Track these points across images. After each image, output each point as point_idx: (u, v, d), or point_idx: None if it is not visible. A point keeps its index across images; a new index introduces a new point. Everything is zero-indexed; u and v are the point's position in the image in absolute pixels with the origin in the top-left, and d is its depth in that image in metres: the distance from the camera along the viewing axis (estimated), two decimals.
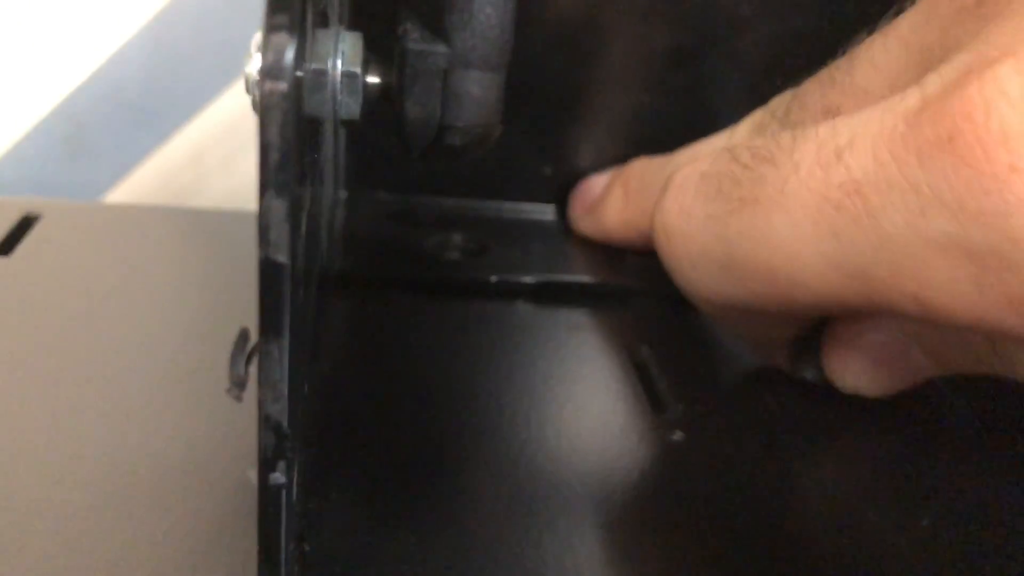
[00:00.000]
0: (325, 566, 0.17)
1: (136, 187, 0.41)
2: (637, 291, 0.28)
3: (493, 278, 0.28)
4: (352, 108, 0.21)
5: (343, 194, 0.30)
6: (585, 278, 0.29)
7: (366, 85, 0.21)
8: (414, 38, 0.21)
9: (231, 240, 0.30)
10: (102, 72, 0.39)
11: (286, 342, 0.13)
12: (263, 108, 0.12)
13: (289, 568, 0.15)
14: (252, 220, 0.12)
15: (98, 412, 0.21)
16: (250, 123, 0.32)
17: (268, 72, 0.12)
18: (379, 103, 0.22)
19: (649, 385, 0.24)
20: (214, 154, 0.41)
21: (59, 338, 0.24)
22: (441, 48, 0.21)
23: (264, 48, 0.12)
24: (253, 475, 0.14)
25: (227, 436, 0.21)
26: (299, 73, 0.15)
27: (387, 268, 0.28)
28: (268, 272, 0.12)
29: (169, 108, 0.40)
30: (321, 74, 0.20)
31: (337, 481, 0.20)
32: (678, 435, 0.22)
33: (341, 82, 0.21)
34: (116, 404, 0.22)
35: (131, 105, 0.40)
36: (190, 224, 0.31)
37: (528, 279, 0.28)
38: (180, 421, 0.21)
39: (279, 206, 0.12)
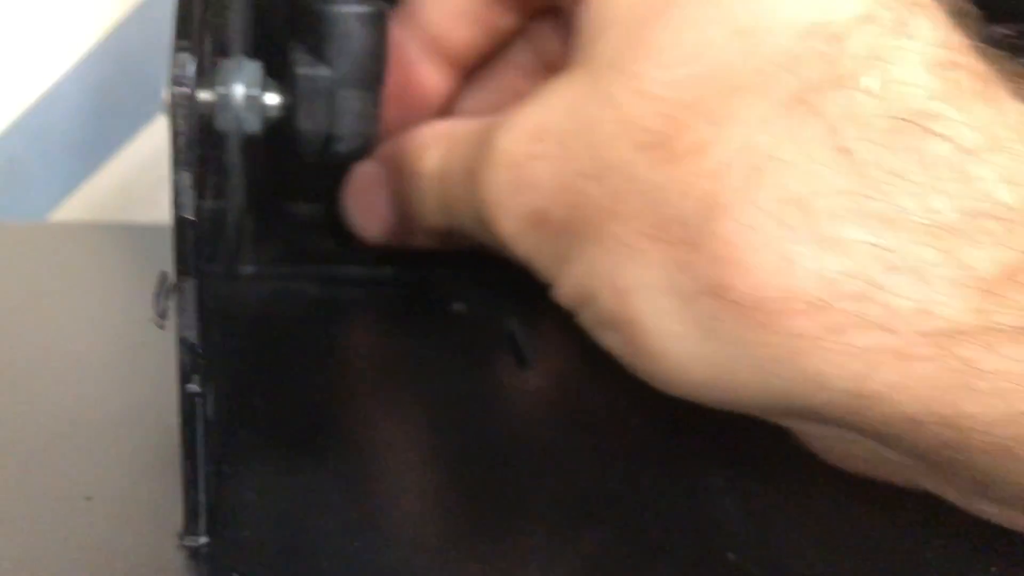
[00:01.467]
0: (239, 485, 0.22)
1: (67, 215, 0.44)
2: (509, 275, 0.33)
3: (388, 271, 0.33)
4: (254, 124, 0.26)
5: (252, 203, 0.34)
6: (464, 269, 0.33)
7: (264, 105, 0.26)
8: (302, 64, 0.26)
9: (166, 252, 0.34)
10: (33, 110, 0.42)
11: (195, 281, 0.17)
12: (172, 106, 0.16)
13: (208, 478, 0.20)
14: None
15: (42, 390, 0.25)
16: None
17: (176, 80, 0.16)
18: (277, 120, 0.27)
19: (515, 348, 0.29)
20: (140, 184, 0.45)
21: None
22: (325, 72, 0.26)
23: (171, 64, 0.16)
24: None
25: (157, 404, 0.25)
26: (202, 95, 0.19)
27: (293, 268, 0.33)
28: (179, 226, 0.17)
29: (98, 142, 0.44)
30: (227, 96, 0.25)
31: (249, 437, 0.24)
32: (534, 382, 0.27)
33: (244, 102, 0.26)
34: (58, 389, 0.26)
35: (62, 140, 0.43)
36: (126, 239, 0.35)
37: (418, 272, 0.33)
38: (118, 393, 0.25)
39: (186, 177, 0.16)
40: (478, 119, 0.27)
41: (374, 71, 0.26)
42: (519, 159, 0.23)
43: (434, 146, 0.27)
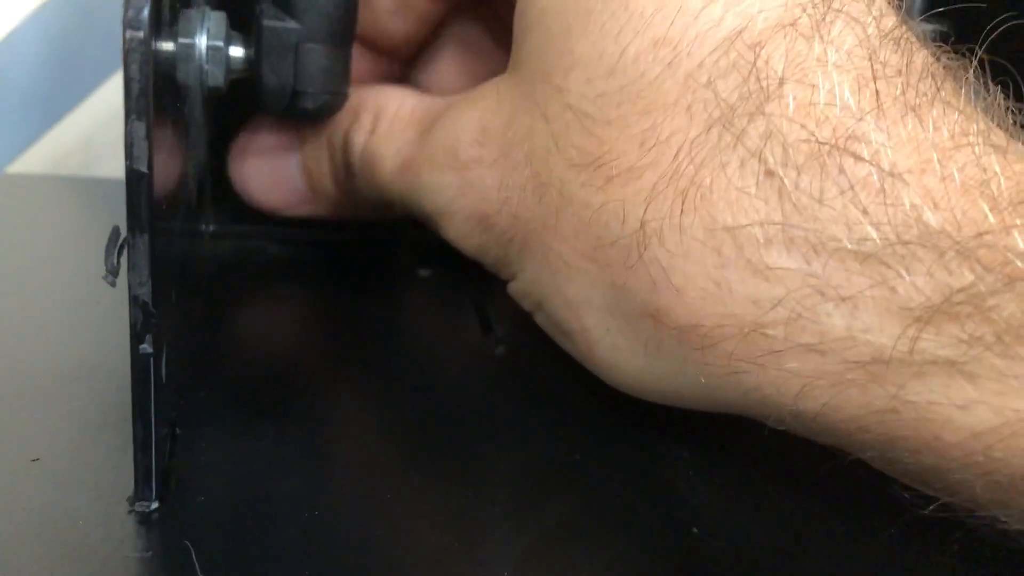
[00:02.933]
0: (194, 449, 0.21)
1: (26, 170, 0.43)
2: None
3: (351, 233, 0.32)
4: (217, 77, 0.25)
5: (214, 160, 0.33)
6: (431, 236, 0.33)
7: (228, 57, 0.25)
8: (269, 16, 0.25)
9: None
10: None
11: (148, 236, 0.16)
12: (126, 51, 0.15)
13: (160, 441, 0.19)
14: None
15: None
16: None
17: (129, 23, 0.15)
18: (241, 73, 0.26)
19: (482, 315, 0.29)
20: (102, 139, 0.44)
21: None
22: (292, 25, 0.25)
23: (126, 6, 0.15)
24: None
25: (110, 363, 0.24)
26: (164, 46, 0.18)
27: (254, 227, 0.32)
28: (132, 179, 0.16)
29: (58, 94, 0.43)
30: (189, 47, 0.24)
31: (205, 399, 0.23)
32: (500, 350, 0.27)
33: (207, 54, 0.25)
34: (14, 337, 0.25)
35: (20, 91, 0.42)
36: (85, 192, 0.34)
37: (384, 236, 0.32)
38: (70, 350, 0.25)
39: (140, 127, 0.16)
40: (419, 99, 0.26)
41: (343, 27, 0.25)
42: (464, 162, 0.23)
43: (367, 116, 0.26)
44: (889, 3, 0.19)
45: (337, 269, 0.31)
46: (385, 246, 0.32)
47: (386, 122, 0.26)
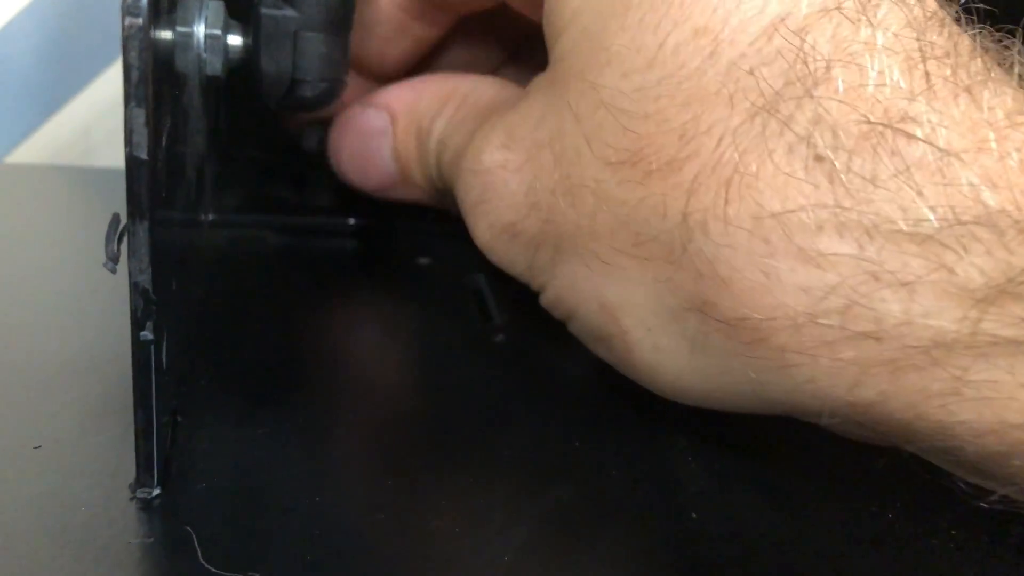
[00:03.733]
0: (195, 436, 0.21)
1: (24, 160, 0.43)
2: None
3: (351, 221, 0.32)
4: (215, 65, 0.25)
5: (213, 149, 0.33)
6: (430, 221, 0.33)
7: (227, 45, 0.25)
8: (267, 4, 0.25)
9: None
10: None
11: (148, 222, 0.16)
12: (125, 39, 0.15)
13: (161, 428, 0.19)
14: None
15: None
16: None
17: (128, 10, 0.15)
18: (240, 62, 0.26)
19: (481, 303, 0.29)
20: (101, 128, 0.44)
21: None
22: (291, 13, 0.25)
23: None
24: None
25: (112, 350, 0.24)
26: (162, 34, 0.18)
27: (253, 216, 0.32)
28: (132, 166, 0.16)
29: (56, 84, 0.43)
30: (187, 36, 0.24)
31: (206, 386, 0.23)
32: (500, 337, 0.27)
33: (205, 43, 0.25)
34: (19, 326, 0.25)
35: (18, 80, 0.42)
36: (84, 182, 0.34)
37: (382, 222, 0.32)
38: (71, 338, 0.25)
39: (139, 114, 0.16)
40: (498, 90, 0.26)
41: (341, 15, 0.25)
42: (489, 166, 0.22)
43: (452, 104, 0.26)
44: None
45: (336, 258, 0.31)
46: (384, 234, 0.33)
47: (462, 111, 0.25)
